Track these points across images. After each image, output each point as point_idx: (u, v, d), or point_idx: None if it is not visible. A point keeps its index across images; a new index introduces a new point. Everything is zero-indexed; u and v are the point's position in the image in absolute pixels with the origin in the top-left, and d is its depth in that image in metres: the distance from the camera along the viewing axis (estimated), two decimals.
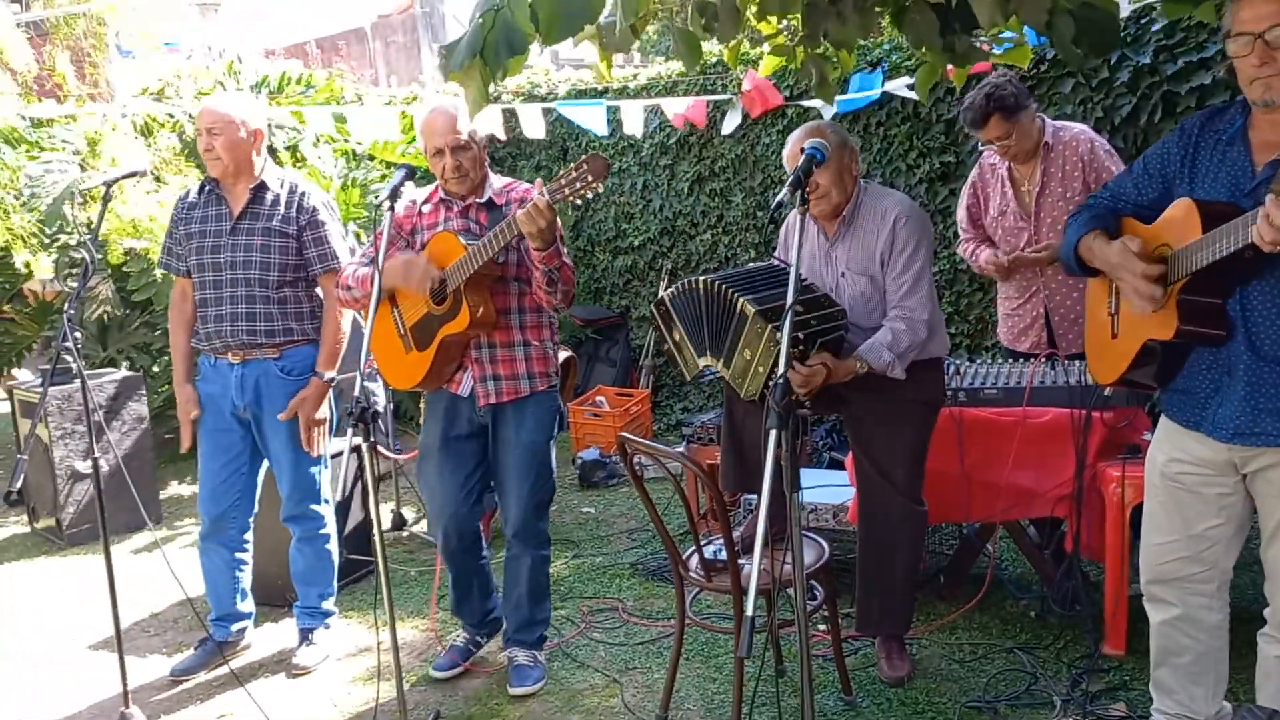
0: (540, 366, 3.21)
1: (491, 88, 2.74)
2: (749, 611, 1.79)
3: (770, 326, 2.78)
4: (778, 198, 2.28)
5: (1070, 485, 3.28)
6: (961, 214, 3.99)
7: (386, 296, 3.16)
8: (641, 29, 2.68)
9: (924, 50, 2.92)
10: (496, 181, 3.24)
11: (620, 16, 2.46)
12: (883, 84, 5.07)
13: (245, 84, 7.05)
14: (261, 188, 3.43)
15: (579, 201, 2.75)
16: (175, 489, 6.01)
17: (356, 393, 2.64)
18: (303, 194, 3.46)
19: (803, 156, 2.41)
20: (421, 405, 3.57)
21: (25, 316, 6.64)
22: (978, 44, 3.87)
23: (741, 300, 2.90)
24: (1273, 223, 1.78)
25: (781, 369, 2.04)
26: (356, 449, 4.39)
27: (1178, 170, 2.22)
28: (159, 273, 5.39)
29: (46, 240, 5.80)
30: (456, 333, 3.04)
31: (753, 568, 1.77)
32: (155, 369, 6.14)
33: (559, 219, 2.90)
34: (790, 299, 2.12)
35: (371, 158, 6.77)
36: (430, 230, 3.17)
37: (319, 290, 3.51)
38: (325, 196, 3.57)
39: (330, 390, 3.51)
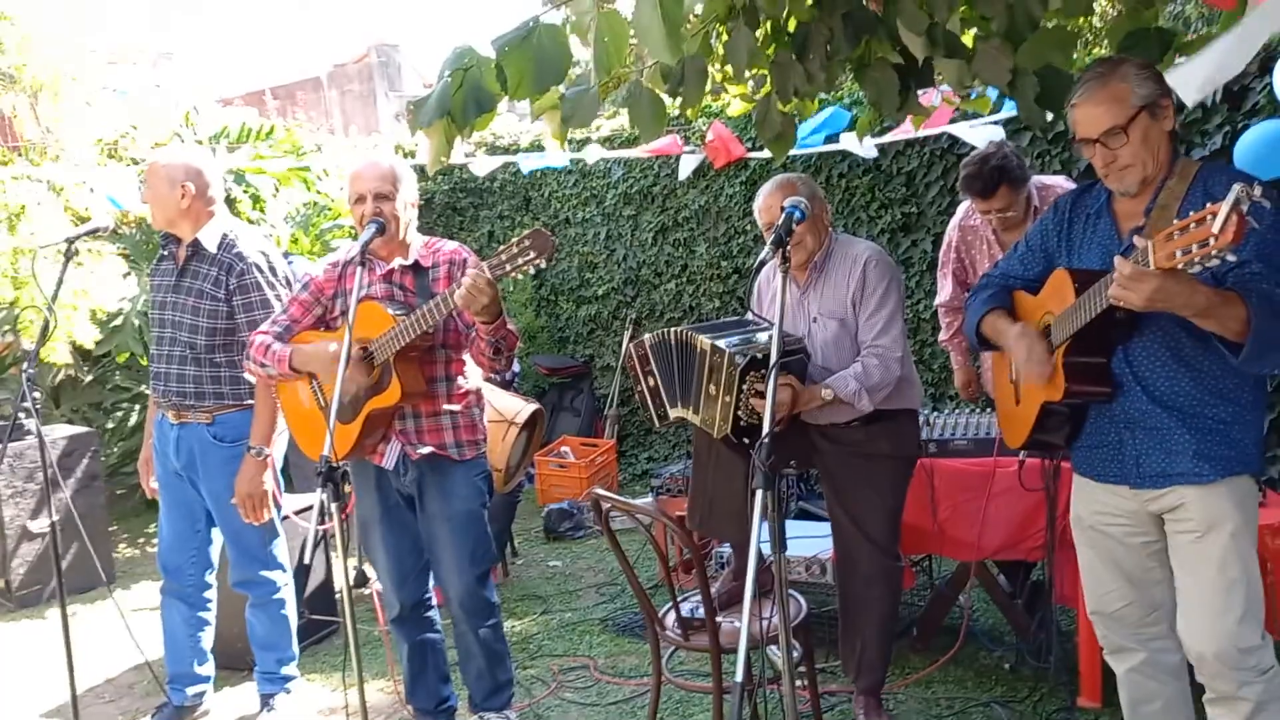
0: (468, 434, 3.07)
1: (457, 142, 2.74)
2: (738, 678, 1.76)
3: (728, 353, 2.84)
4: (760, 256, 2.29)
5: (1044, 534, 3.29)
6: (945, 292, 3.97)
7: (301, 374, 3.02)
8: (604, 97, 2.66)
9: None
10: (417, 240, 3.08)
11: (592, 76, 2.47)
12: (840, 135, 5.13)
13: (202, 134, 6.99)
14: (196, 245, 3.30)
15: (520, 277, 2.68)
16: (129, 550, 5.85)
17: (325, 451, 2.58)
18: (237, 253, 3.30)
19: (783, 215, 2.42)
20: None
21: None
22: (941, 92, 3.95)
23: (699, 338, 2.97)
24: (1121, 280, 1.91)
25: (766, 425, 2.03)
26: (321, 511, 4.30)
27: (1056, 245, 2.40)
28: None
29: None
30: (386, 406, 2.92)
31: (741, 633, 1.74)
32: (109, 425, 6.00)
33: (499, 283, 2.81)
34: (774, 354, 2.13)
35: (329, 208, 6.73)
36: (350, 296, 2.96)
37: None
38: (261, 258, 3.36)
39: (270, 462, 3.32)
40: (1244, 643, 2.18)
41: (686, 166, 5.80)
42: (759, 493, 1.91)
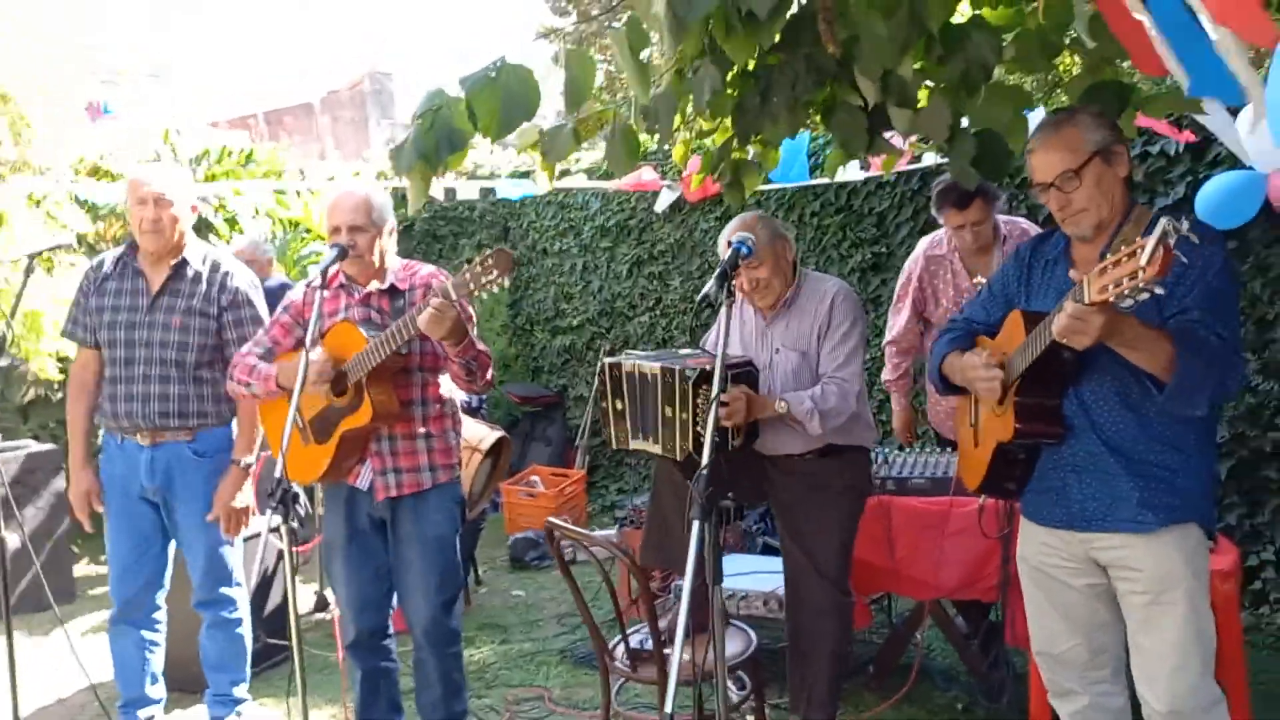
0: (443, 459, 3.09)
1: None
2: (668, 708, 1.76)
3: (678, 371, 2.90)
4: (703, 290, 2.33)
5: (999, 573, 3.31)
6: (897, 328, 4.01)
7: (286, 391, 3.01)
8: (586, 136, 2.72)
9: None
10: (395, 263, 3.13)
11: (566, 109, 2.52)
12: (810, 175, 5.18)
13: (183, 156, 7.02)
14: (182, 264, 3.34)
15: (484, 296, 2.71)
16: (92, 568, 5.79)
17: (277, 473, 2.58)
18: (226, 273, 3.37)
19: (729, 250, 2.46)
20: (318, 495, 3.43)
21: None
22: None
23: (648, 365, 3.04)
24: (1062, 315, 1.97)
25: (706, 443, 2.05)
26: (275, 530, 4.29)
27: (1016, 289, 2.46)
28: None
29: None
30: (359, 426, 2.93)
31: (672, 662, 1.75)
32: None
33: (471, 307, 2.84)
34: (717, 378, 2.16)
35: (308, 230, 6.77)
36: (330, 318, 3.04)
37: None
38: (251, 276, 3.48)
39: (248, 476, 3.38)
40: (1203, 699, 2.21)
41: (664, 200, 5.86)
42: (695, 523, 1.92)
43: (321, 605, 4.91)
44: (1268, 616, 4.10)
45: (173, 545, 3.53)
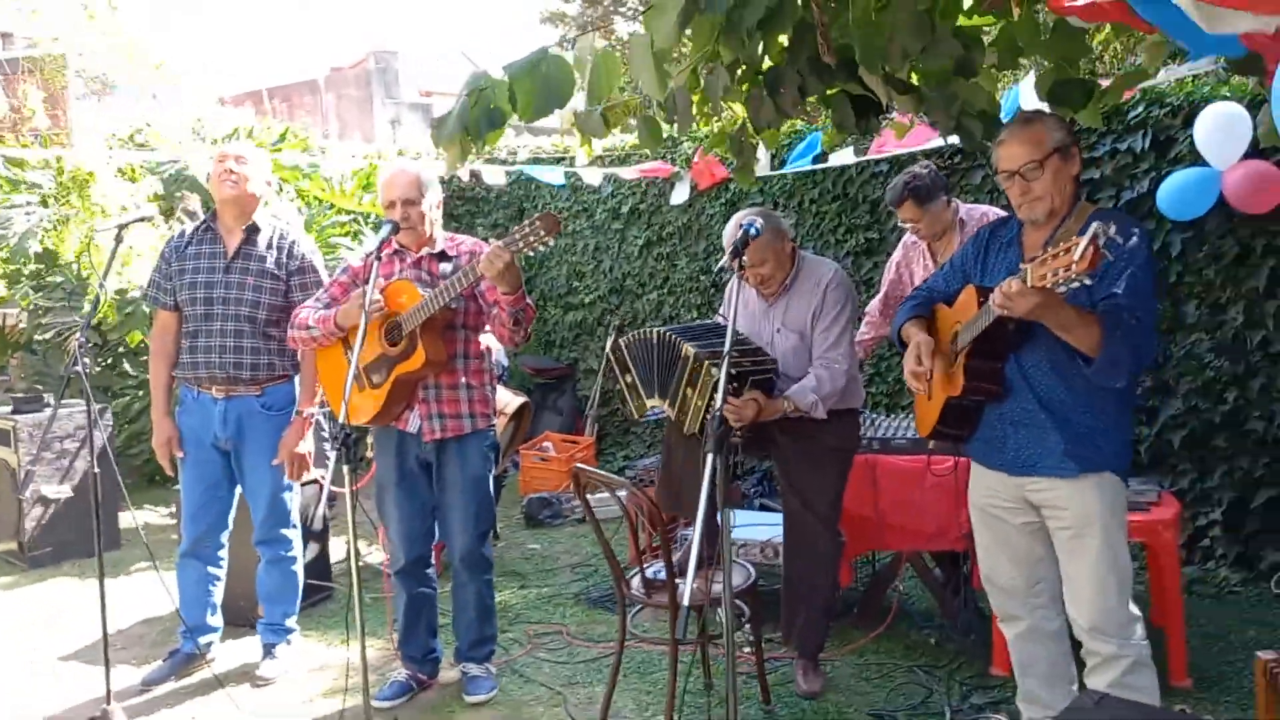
0: (481, 408, 3.53)
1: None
2: (685, 602, 2.17)
3: (708, 364, 3.23)
4: (719, 263, 2.73)
5: (968, 525, 3.73)
6: (874, 302, 4.45)
7: (340, 338, 3.46)
8: (615, 123, 3.13)
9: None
10: (441, 235, 3.54)
11: (586, 101, 2.93)
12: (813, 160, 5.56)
13: (213, 135, 7.40)
14: (254, 229, 3.74)
15: (531, 254, 3.12)
16: (128, 519, 6.21)
17: (341, 418, 2.96)
18: (293, 241, 3.79)
19: (740, 231, 2.88)
20: (369, 441, 3.86)
21: None
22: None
23: (685, 344, 3.37)
24: (1005, 293, 2.33)
25: (719, 404, 2.46)
26: (316, 481, 4.70)
27: (973, 267, 2.83)
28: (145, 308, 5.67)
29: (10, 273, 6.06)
30: (411, 371, 3.33)
31: (693, 542, 2.16)
32: (115, 410, 6.36)
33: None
34: (727, 344, 2.55)
35: (331, 205, 7.15)
36: (386, 279, 3.45)
37: None
38: (312, 244, 3.91)
39: (310, 425, 3.78)
40: (1120, 616, 2.63)
41: (679, 194, 6.24)
42: (709, 456, 2.34)
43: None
44: (1213, 570, 4.53)
45: (238, 491, 3.94)
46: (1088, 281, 2.15)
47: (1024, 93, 3.97)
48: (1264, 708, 2.76)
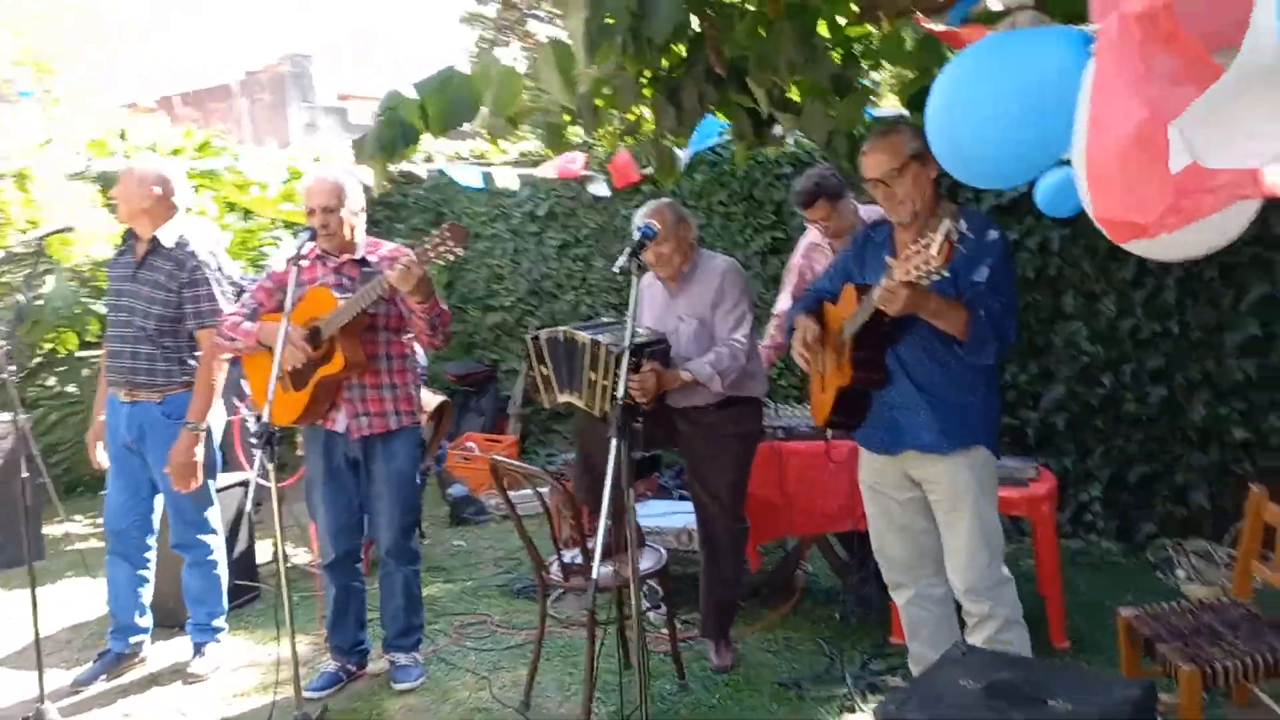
0: (405, 405, 3.68)
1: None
2: (594, 575, 2.37)
3: (606, 345, 3.46)
4: (617, 263, 2.93)
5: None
6: (784, 299, 4.65)
7: (266, 347, 3.55)
8: (518, 123, 3.32)
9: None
10: (363, 239, 3.67)
11: (491, 113, 3.13)
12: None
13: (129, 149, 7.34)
14: (155, 241, 3.79)
15: (441, 263, 3.28)
16: (51, 530, 6.19)
17: (264, 418, 3.09)
18: (190, 252, 3.79)
19: (638, 233, 3.09)
20: (298, 440, 3.98)
21: None
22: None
23: (579, 334, 3.61)
24: (880, 291, 2.57)
25: (620, 392, 2.66)
26: (243, 483, 4.79)
27: (853, 266, 3.08)
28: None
29: None
30: (331, 374, 3.47)
31: (601, 520, 2.35)
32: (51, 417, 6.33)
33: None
34: (628, 329, 2.77)
35: (248, 212, 7.16)
36: (308, 284, 3.56)
37: None
38: (211, 258, 3.85)
39: (202, 437, 3.79)
40: (993, 579, 2.91)
41: (596, 188, 6.42)
42: (613, 441, 2.53)
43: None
44: (1094, 542, 4.88)
45: (160, 496, 4.00)
46: (945, 274, 2.40)
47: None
48: (1126, 659, 3.07)
